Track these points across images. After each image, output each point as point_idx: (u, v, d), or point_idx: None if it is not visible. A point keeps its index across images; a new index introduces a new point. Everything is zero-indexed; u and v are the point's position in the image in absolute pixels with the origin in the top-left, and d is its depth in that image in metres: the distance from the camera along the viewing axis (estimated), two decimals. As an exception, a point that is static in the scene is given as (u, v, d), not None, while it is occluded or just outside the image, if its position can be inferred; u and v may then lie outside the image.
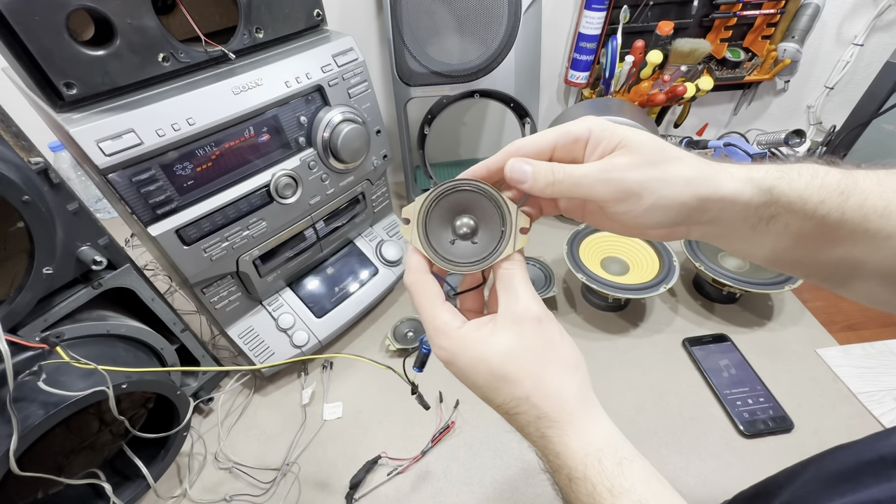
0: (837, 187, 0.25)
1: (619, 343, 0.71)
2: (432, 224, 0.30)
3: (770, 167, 0.26)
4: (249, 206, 0.55)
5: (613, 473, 0.24)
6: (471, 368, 0.28)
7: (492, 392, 0.28)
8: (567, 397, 0.26)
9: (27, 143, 0.41)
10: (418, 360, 0.36)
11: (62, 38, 0.40)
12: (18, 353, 0.42)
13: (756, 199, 0.25)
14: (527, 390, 0.26)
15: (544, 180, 0.27)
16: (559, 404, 0.26)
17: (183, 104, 0.47)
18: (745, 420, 0.59)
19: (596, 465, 0.25)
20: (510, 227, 0.29)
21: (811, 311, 0.74)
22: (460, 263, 0.30)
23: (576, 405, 0.26)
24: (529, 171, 0.27)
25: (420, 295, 0.30)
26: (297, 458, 0.59)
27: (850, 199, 0.25)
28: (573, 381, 0.27)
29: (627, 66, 0.88)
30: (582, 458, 0.25)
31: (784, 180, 0.25)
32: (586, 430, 0.26)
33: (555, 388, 0.26)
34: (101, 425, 0.59)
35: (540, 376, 0.27)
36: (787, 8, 0.88)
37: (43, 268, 0.42)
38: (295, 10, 0.56)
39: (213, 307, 0.60)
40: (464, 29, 0.73)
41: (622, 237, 0.78)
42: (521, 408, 0.27)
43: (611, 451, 0.25)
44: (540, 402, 0.26)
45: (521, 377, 0.27)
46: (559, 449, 0.26)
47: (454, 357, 0.28)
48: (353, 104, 0.60)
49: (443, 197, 0.29)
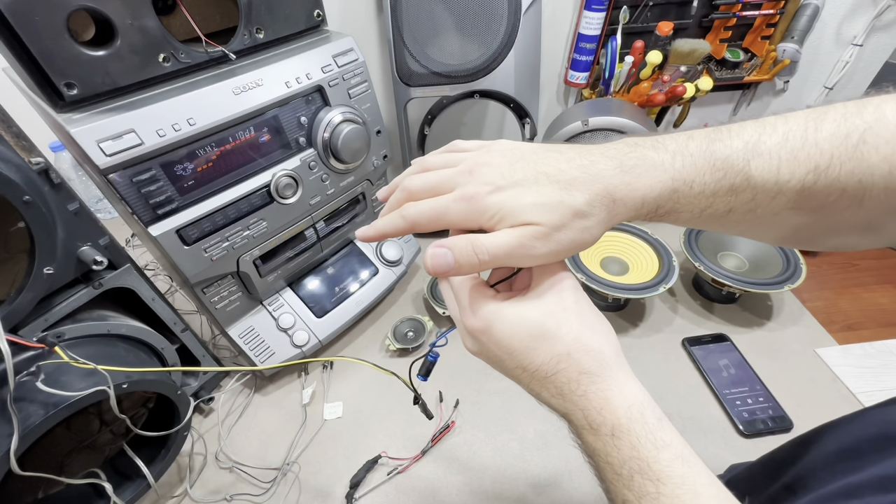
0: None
1: (619, 343, 0.71)
2: None
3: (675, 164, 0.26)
4: (250, 206, 0.55)
5: (656, 427, 0.25)
6: (507, 331, 0.27)
7: (531, 353, 0.27)
8: (607, 354, 0.27)
9: (28, 143, 0.41)
10: (423, 368, 0.37)
11: (63, 38, 0.40)
12: (19, 352, 0.42)
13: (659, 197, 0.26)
14: (567, 346, 0.27)
15: (469, 265, 0.27)
16: (600, 360, 0.27)
17: (183, 104, 0.47)
18: (745, 420, 0.59)
19: (639, 417, 0.25)
20: None
21: (810, 311, 0.74)
22: None
23: (615, 363, 0.27)
24: (451, 258, 0.27)
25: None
26: (298, 457, 0.59)
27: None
28: (609, 344, 0.28)
29: (627, 67, 0.88)
30: (625, 410, 0.25)
31: (678, 182, 0.26)
32: (628, 386, 0.26)
33: (595, 345, 0.27)
34: (101, 425, 0.59)
35: (580, 333, 0.27)
36: (786, 8, 0.88)
37: (44, 268, 0.42)
38: (295, 11, 0.56)
39: (213, 307, 0.60)
40: (464, 29, 0.73)
41: (622, 237, 0.78)
42: (561, 364, 0.27)
43: (650, 408, 0.26)
44: (582, 357, 0.26)
45: (561, 334, 0.27)
46: (601, 404, 0.26)
47: (489, 324, 0.28)
48: (353, 104, 0.60)
49: None
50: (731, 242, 0.77)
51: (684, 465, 0.24)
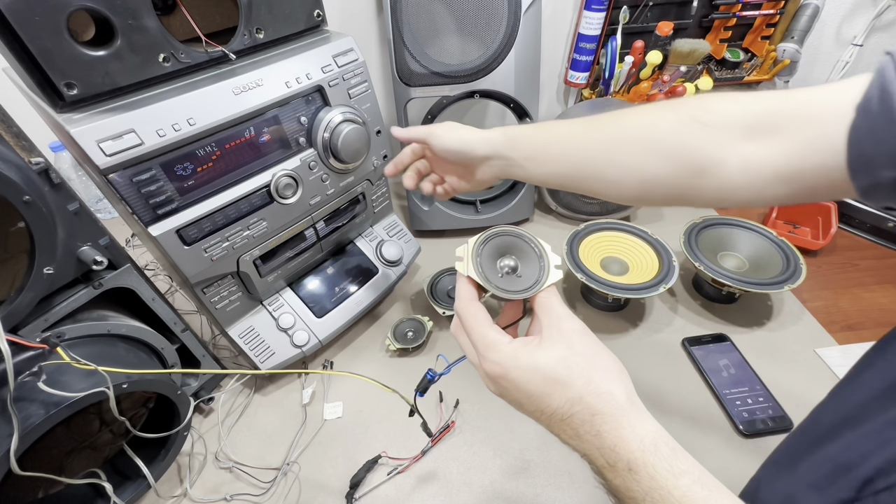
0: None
1: (619, 343, 0.71)
2: (484, 261, 0.35)
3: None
4: (250, 206, 0.55)
5: (671, 457, 0.26)
6: (523, 377, 0.30)
7: (546, 398, 0.29)
8: (617, 395, 0.29)
9: (28, 143, 0.41)
10: (421, 385, 0.40)
11: (63, 38, 0.40)
12: (19, 353, 0.42)
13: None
14: (579, 391, 0.28)
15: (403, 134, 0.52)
16: (611, 401, 0.28)
17: (183, 104, 0.47)
18: (745, 420, 0.59)
19: (652, 449, 0.26)
20: (546, 263, 0.35)
21: (810, 311, 0.74)
22: (510, 291, 0.34)
23: (626, 403, 0.29)
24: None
25: (472, 319, 0.33)
26: (298, 457, 0.59)
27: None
28: (620, 384, 0.29)
29: (627, 67, 0.88)
30: (639, 445, 0.27)
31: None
32: (640, 423, 0.28)
33: (605, 387, 0.29)
34: (101, 425, 0.60)
35: (591, 378, 0.29)
36: (786, 8, 0.88)
37: (44, 268, 0.42)
38: (295, 11, 0.56)
39: (213, 307, 0.60)
40: (464, 29, 0.73)
41: (622, 237, 0.78)
42: (575, 408, 0.28)
43: (664, 440, 0.27)
44: (593, 400, 0.28)
45: (573, 378, 0.29)
46: (615, 442, 0.27)
47: (506, 370, 0.30)
48: (353, 104, 0.60)
49: (490, 240, 0.36)
50: (731, 242, 0.77)
51: (704, 489, 0.25)
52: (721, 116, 0.34)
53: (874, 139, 0.27)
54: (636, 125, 0.38)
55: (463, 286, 0.34)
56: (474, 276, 0.34)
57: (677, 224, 0.78)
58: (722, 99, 0.35)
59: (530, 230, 0.35)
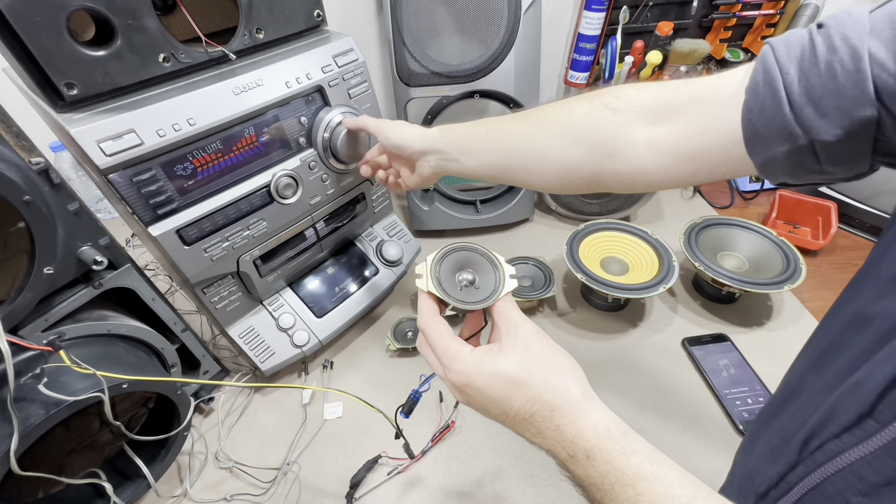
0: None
1: (619, 343, 0.71)
2: (442, 276, 0.37)
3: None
4: (250, 206, 0.55)
5: (623, 440, 0.28)
6: (486, 383, 0.32)
7: (508, 400, 0.31)
8: (572, 390, 0.31)
9: (28, 143, 0.41)
10: (406, 406, 0.41)
11: (63, 38, 0.40)
12: (19, 353, 0.42)
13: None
14: (538, 389, 0.31)
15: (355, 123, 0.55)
16: (567, 396, 0.30)
17: (183, 104, 0.47)
18: (745, 420, 0.59)
19: (606, 436, 0.29)
20: (501, 274, 0.37)
21: (810, 311, 0.74)
22: (468, 303, 0.36)
23: (580, 396, 0.31)
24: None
25: (434, 333, 0.34)
26: (298, 457, 0.59)
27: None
28: (574, 381, 0.32)
29: (627, 67, 0.88)
30: (594, 433, 0.29)
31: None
32: (594, 413, 0.30)
33: (561, 384, 0.31)
34: (101, 425, 0.60)
35: (547, 377, 0.31)
36: (786, 8, 0.88)
37: (44, 268, 0.42)
38: (295, 11, 0.56)
39: (213, 307, 0.60)
40: (464, 29, 0.73)
41: (622, 237, 0.78)
42: (535, 406, 0.30)
43: (616, 425, 0.29)
44: (551, 397, 0.30)
45: (531, 379, 0.31)
46: (573, 434, 0.29)
47: (470, 378, 0.32)
48: (353, 105, 0.60)
49: (448, 256, 0.38)
50: (731, 242, 0.78)
51: (653, 465, 0.27)
52: (629, 102, 0.37)
53: (764, 117, 0.30)
54: (555, 114, 0.42)
55: (424, 302, 0.36)
56: (434, 290, 0.35)
57: (677, 224, 0.78)
58: (632, 87, 0.38)
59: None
